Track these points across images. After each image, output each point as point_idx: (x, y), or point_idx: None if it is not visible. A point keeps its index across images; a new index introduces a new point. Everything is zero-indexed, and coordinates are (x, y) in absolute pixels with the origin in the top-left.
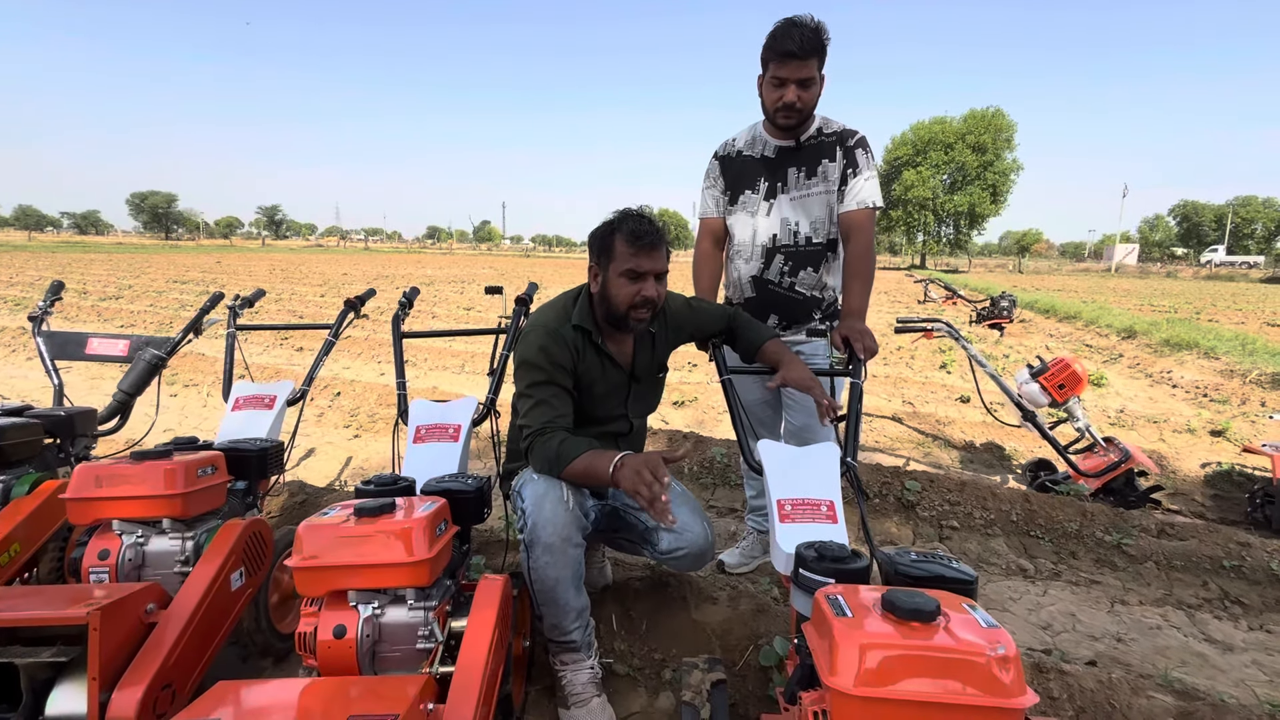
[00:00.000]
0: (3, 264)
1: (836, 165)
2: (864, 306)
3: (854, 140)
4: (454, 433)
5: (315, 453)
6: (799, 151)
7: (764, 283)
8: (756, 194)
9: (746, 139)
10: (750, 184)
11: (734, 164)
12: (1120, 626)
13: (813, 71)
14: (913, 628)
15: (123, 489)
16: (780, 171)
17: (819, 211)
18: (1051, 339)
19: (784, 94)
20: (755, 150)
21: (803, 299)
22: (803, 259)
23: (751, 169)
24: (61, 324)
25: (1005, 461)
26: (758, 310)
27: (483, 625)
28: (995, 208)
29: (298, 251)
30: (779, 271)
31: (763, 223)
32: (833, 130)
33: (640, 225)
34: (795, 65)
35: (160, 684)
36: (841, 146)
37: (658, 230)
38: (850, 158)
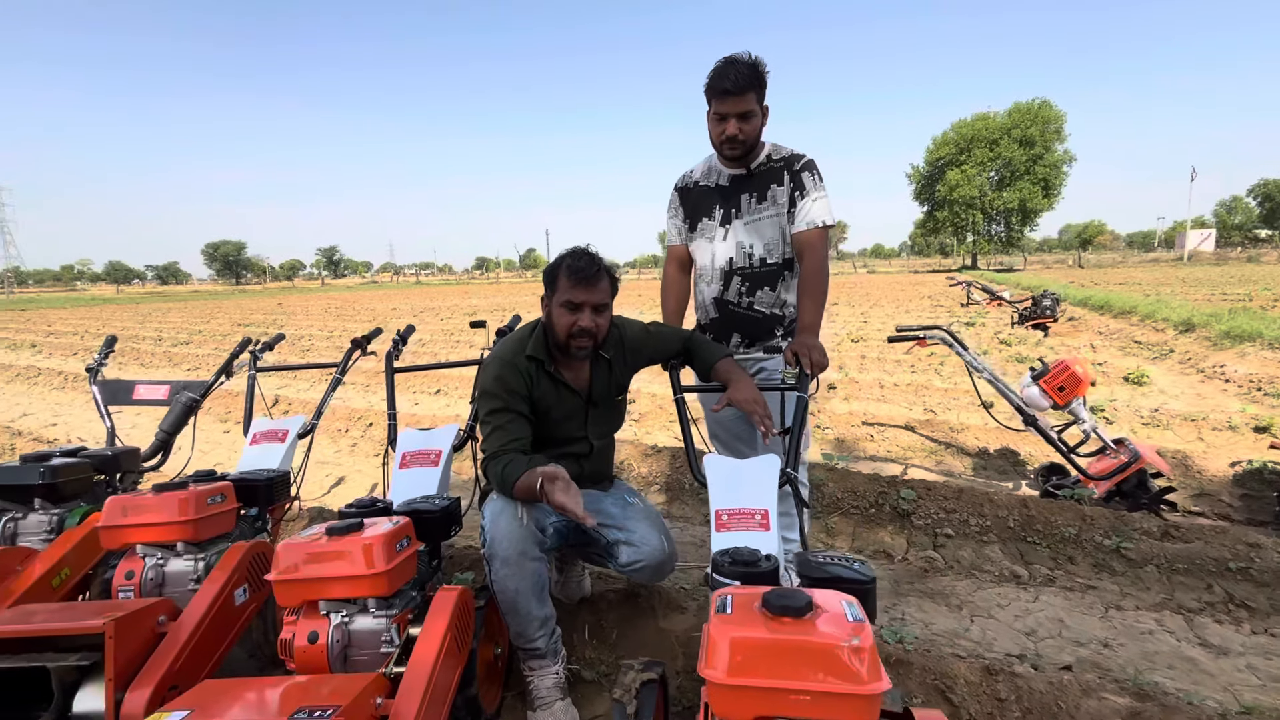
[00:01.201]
0: (93, 317)
1: (784, 189)
2: (816, 322)
3: (800, 164)
4: (435, 458)
5: (345, 480)
6: (750, 178)
7: (725, 303)
8: (713, 220)
9: (703, 170)
10: (707, 211)
11: (692, 194)
12: (1110, 632)
13: (751, 105)
14: (782, 623)
15: (145, 517)
16: (734, 198)
17: (771, 234)
18: (1100, 337)
19: (726, 128)
20: (711, 180)
21: (762, 317)
22: (759, 279)
23: (708, 198)
24: (137, 369)
25: (1019, 467)
26: (722, 329)
27: (434, 631)
28: (1048, 202)
29: (354, 289)
30: (737, 292)
31: (720, 247)
32: (781, 156)
33: (579, 262)
34: (734, 101)
35: (167, 685)
36: (789, 171)
37: (597, 266)
38: (797, 181)
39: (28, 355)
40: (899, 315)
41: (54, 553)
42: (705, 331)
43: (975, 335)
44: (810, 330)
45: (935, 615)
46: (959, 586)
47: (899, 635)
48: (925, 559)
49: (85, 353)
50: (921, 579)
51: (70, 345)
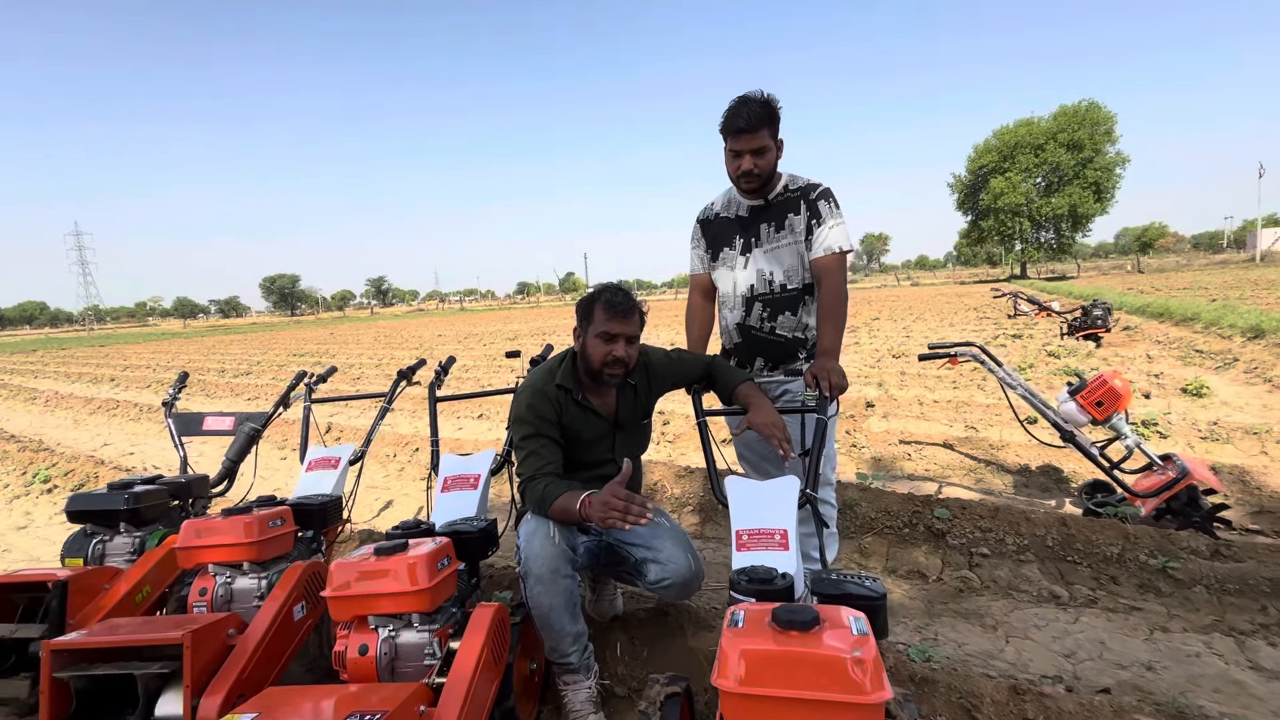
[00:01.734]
0: (163, 351)
1: (801, 218)
2: (836, 345)
3: (816, 193)
4: (474, 482)
5: (393, 504)
6: (768, 209)
7: (748, 329)
8: (734, 250)
9: (722, 202)
10: (728, 241)
11: (713, 225)
12: (1154, 654)
13: (764, 141)
14: (790, 636)
15: (215, 539)
16: (753, 228)
17: (790, 260)
18: (1158, 346)
19: (741, 163)
20: (731, 211)
21: (785, 341)
22: (780, 305)
23: (728, 228)
24: (203, 400)
25: (1062, 485)
26: (746, 354)
27: (472, 644)
28: (1101, 206)
29: (401, 317)
30: (759, 318)
31: (741, 275)
32: (797, 186)
33: (615, 297)
34: (747, 138)
35: (236, 693)
36: (805, 200)
37: (631, 302)
38: (813, 209)
39: (107, 389)
40: (943, 329)
41: (136, 572)
42: (730, 356)
43: (1022, 348)
44: (829, 353)
45: (969, 636)
46: (994, 607)
47: (926, 654)
48: (960, 579)
49: (157, 385)
50: (956, 599)
51: (144, 379)
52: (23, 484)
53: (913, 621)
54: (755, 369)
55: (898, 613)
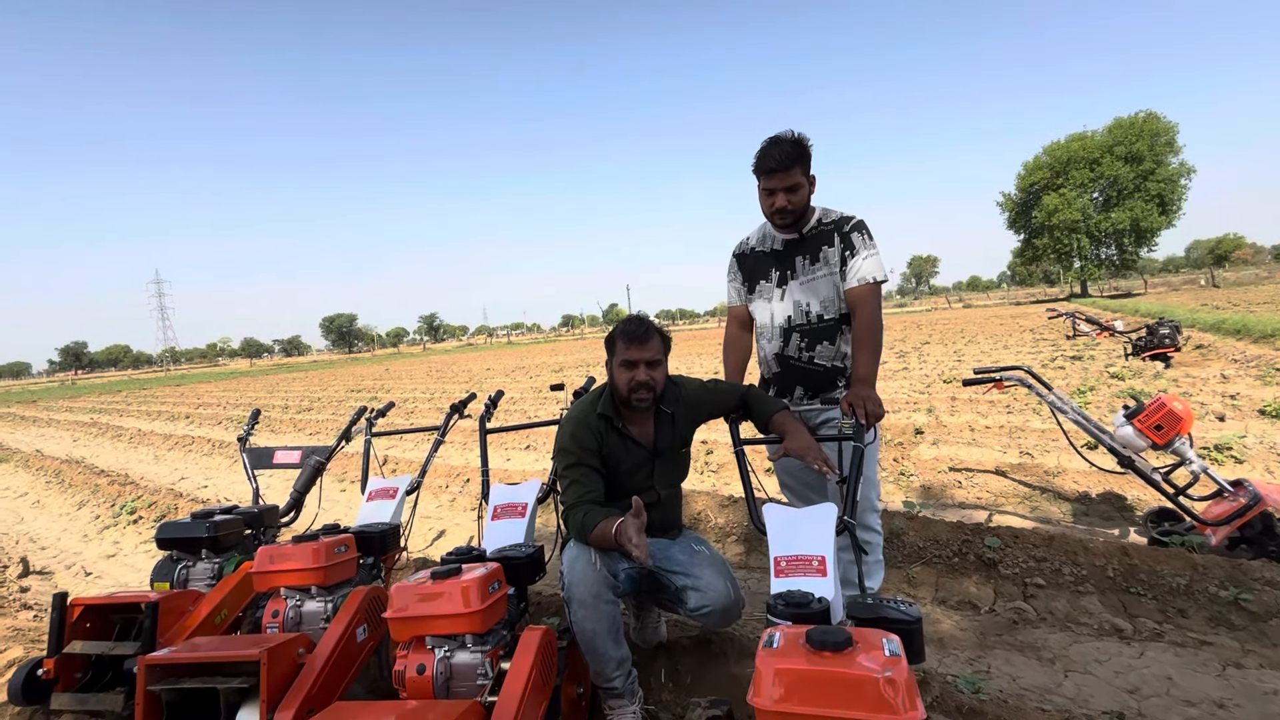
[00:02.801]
0: (232, 389)
1: (835, 250)
2: (871, 374)
3: (850, 226)
4: (522, 510)
5: (446, 533)
6: (803, 242)
7: (786, 359)
8: (770, 282)
9: (758, 236)
10: (764, 274)
11: (749, 259)
12: (1227, 691)
13: (796, 179)
14: (824, 657)
15: (286, 564)
16: (789, 261)
17: (827, 291)
18: (1235, 365)
19: (775, 201)
20: (766, 245)
21: (824, 370)
22: (817, 335)
23: (764, 262)
24: (268, 434)
25: (1125, 513)
26: (785, 383)
27: (522, 665)
28: (1166, 219)
29: (451, 352)
30: (797, 348)
31: (778, 306)
32: (831, 220)
33: (631, 326)
34: (779, 177)
35: (306, 709)
36: (839, 233)
37: (646, 328)
38: (847, 242)
39: (183, 426)
40: (996, 352)
41: (216, 595)
42: (769, 385)
43: (1082, 370)
44: (865, 381)
45: (1024, 669)
46: (1052, 640)
47: (975, 686)
48: (1014, 610)
49: (228, 422)
50: (1010, 631)
51: (215, 416)
52: (111, 515)
53: (964, 653)
54: (795, 398)
55: (948, 644)
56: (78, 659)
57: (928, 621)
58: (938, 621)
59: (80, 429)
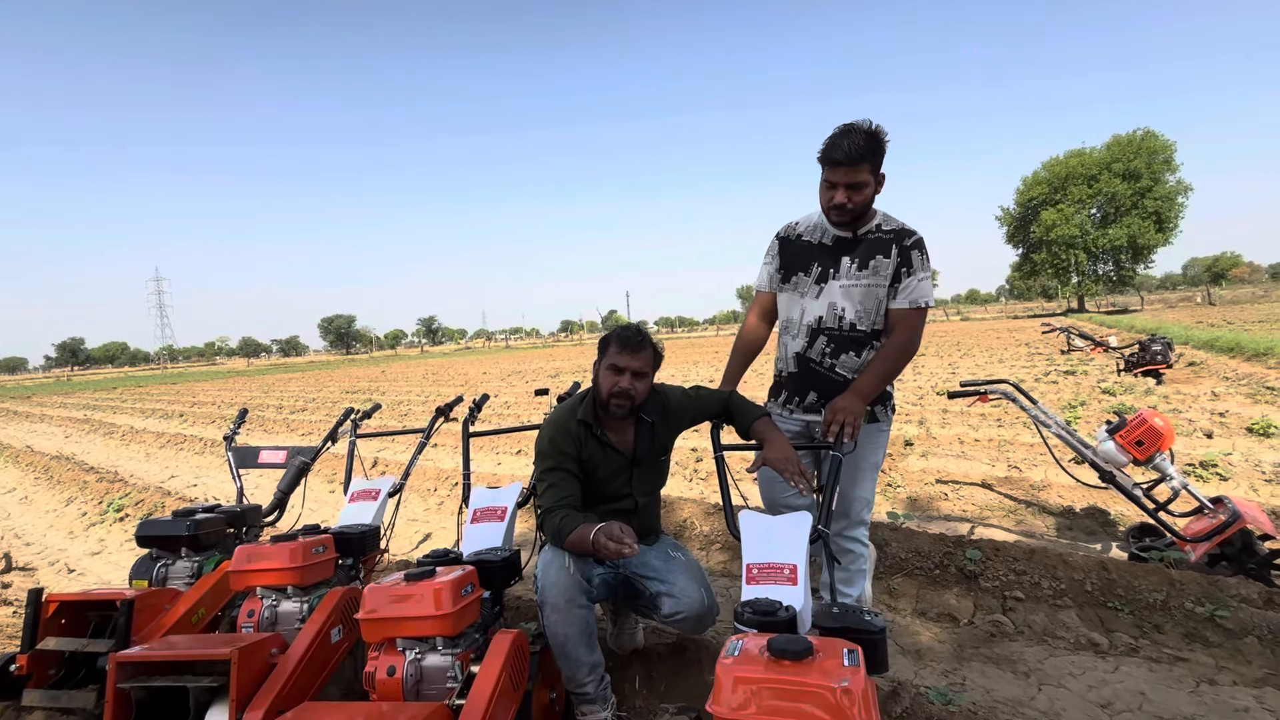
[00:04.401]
0: (228, 388)
1: (890, 262)
2: (870, 388)
3: (910, 241)
4: (501, 513)
5: (431, 536)
6: (855, 243)
7: (806, 360)
8: (808, 277)
9: (808, 225)
10: (804, 267)
11: (792, 246)
12: (1199, 708)
13: (863, 176)
14: (783, 665)
15: (263, 564)
16: (834, 259)
17: (867, 301)
18: (1225, 383)
19: (835, 195)
20: (814, 236)
21: (844, 381)
22: (845, 343)
23: (807, 253)
24: (260, 434)
25: (1108, 528)
26: (799, 385)
27: (491, 669)
28: (1163, 236)
29: (449, 355)
30: (821, 352)
31: (811, 304)
32: (891, 228)
33: (628, 333)
34: (845, 171)
35: (277, 708)
36: (898, 245)
37: (643, 339)
38: (905, 257)
39: (176, 424)
40: (991, 365)
41: (193, 594)
42: (781, 386)
43: (1075, 384)
44: (859, 393)
45: (999, 682)
46: (1028, 653)
47: (947, 698)
48: (993, 622)
49: (221, 421)
50: (987, 643)
51: (209, 415)
52: (98, 512)
53: (940, 665)
54: (806, 402)
55: (925, 656)
56: (51, 655)
57: (907, 633)
58: (917, 633)
59: (73, 425)
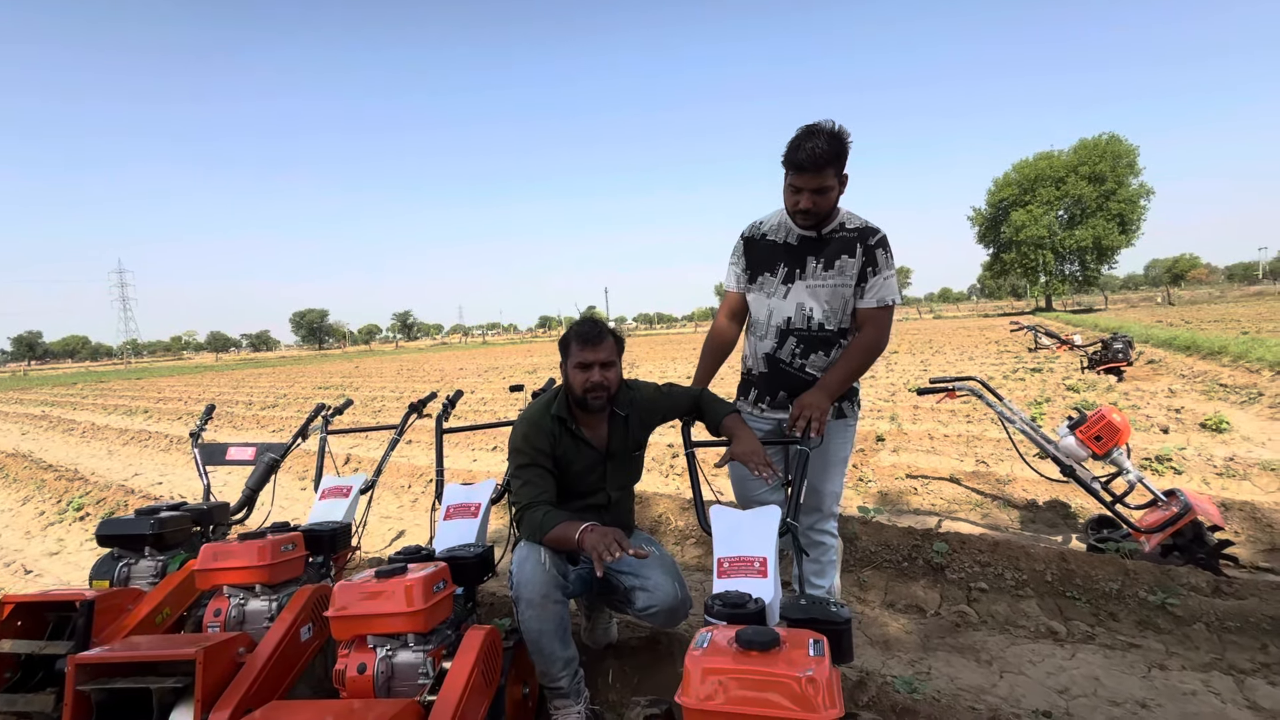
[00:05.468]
0: (195, 384)
1: (855, 261)
2: (837, 384)
3: (875, 239)
4: (475, 510)
5: (405, 534)
6: (820, 243)
7: (776, 361)
8: (775, 277)
9: (773, 224)
10: (770, 267)
11: (757, 246)
12: (1149, 692)
13: (828, 180)
14: (750, 656)
15: (230, 562)
16: (800, 259)
17: (833, 301)
18: (1182, 380)
19: (800, 200)
20: (779, 236)
21: (814, 381)
22: (814, 343)
23: (773, 253)
24: (229, 430)
25: (1069, 520)
26: (768, 385)
27: (463, 665)
28: (1126, 238)
29: (425, 351)
30: (791, 352)
31: (779, 304)
32: (855, 227)
33: (585, 328)
34: (809, 177)
35: (244, 708)
36: (862, 244)
37: (600, 330)
38: (870, 256)
39: (140, 420)
40: (962, 363)
41: (157, 594)
42: (750, 384)
43: (1041, 382)
44: (825, 389)
45: (963, 670)
46: (991, 642)
47: (912, 686)
48: (958, 613)
49: (188, 417)
50: (953, 634)
51: (175, 411)
52: (57, 511)
53: (907, 655)
54: (775, 400)
55: (893, 646)
56: (7, 658)
57: (875, 625)
58: (885, 625)
59: (30, 422)
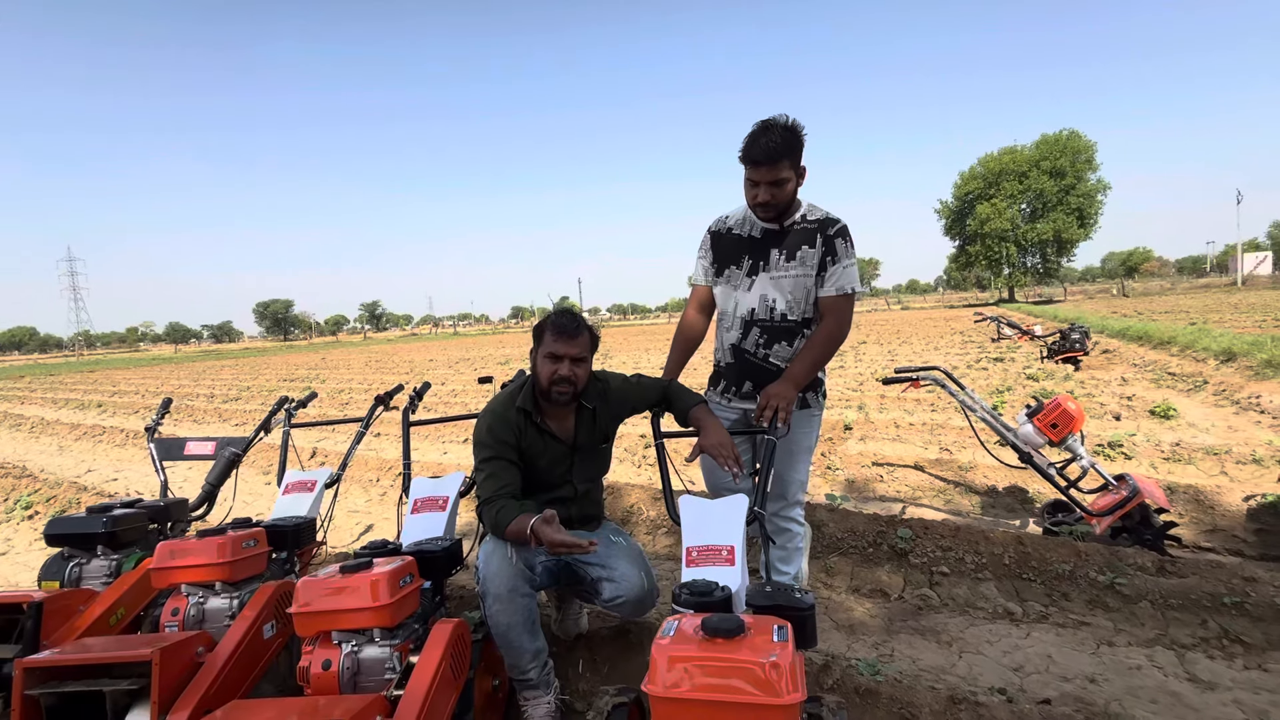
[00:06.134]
0: (153, 376)
1: (815, 252)
2: (802, 375)
3: (834, 229)
4: (442, 504)
5: (373, 528)
6: (782, 234)
7: (741, 352)
8: (740, 270)
9: (737, 218)
10: (736, 260)
11: (723, 239)
12: (1098, 667)
13: (784, 173)
14: (715, 643)
15: (188, 559)
16: (764, 251)
17: (796, 291)
18: (1134, 369)
19: (757, 194)
20: (744, 229)
21: (777, 370)
22: (777, 333)
23: (738, 246)
24: (191, 426)
25: (1027, 505)
26: (736, 376)
27: (430, 659)
28: (1084, 232)
29: (394, 342)
30: (755, 343)
31: (744, 297)
32: (815, 218)
33: (562, 320)
34: (765, 170)
35: (203, 709)
36: (822, 235)
37: (577, 324)
38: (829, 246)
39: (94, 415)
40: (927, 353)
41: (111, 594)
42: (720, 373)
43: (1003, 371)
44: (792, 380)
45: (924, 652)
46: (951, 624)
47: (875, 668)
48: (920, 597)
49: (145, 411)
50: (915, 616)
51: (132, 404)
52: (3, 510)
53: (871, 638)
54: (742, 391)
55: (858, 630)
56: None
57: (841, 609)
58: (850, 609)
59: None
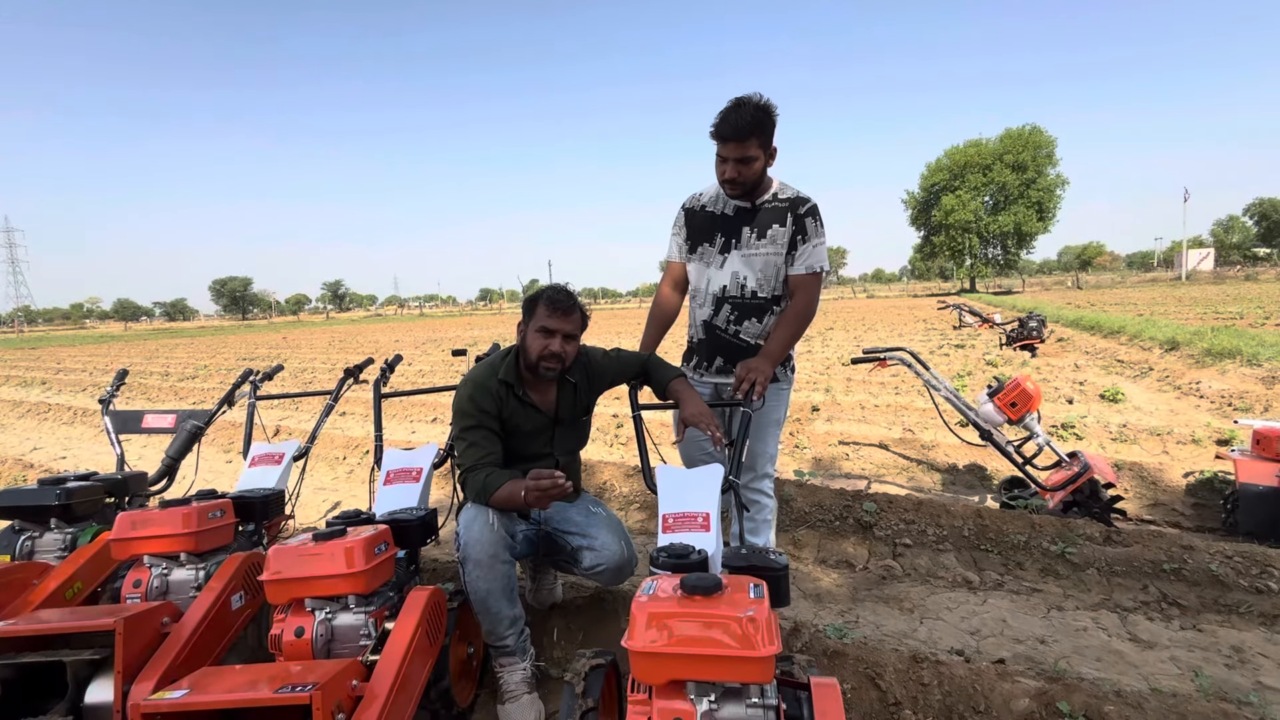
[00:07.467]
0: (101, 354)
1: (785, 230)
2: (779, 351)
3: (805, 209)
4: (416, 475)
5: (341, 505)
6: (754, 213)
7: (713, 328)
8: (713, 247)
9: (711, 196)
10: (708, 237)
11: (697, 217)
12: (1048, 630)
13: (752, 150)
14: (694, 600)
15: (151, 530)
16: (735, 229)
17: (766, 270)
18: (1086, 356)
19: (725, 170)
20: (717, 207)
21: (748, 346)
22: (747, 310)
23: (711, 224)
24: (144, 403)
25: (985, 481)
26: (708, 351)
27: (406, 625)
28: (1043, 225)
29: (358, 322)
30: (726, 319)
31: (715, 274)
32: (786, 197)
33: (558, 295)
34: (734, 146)
35: (170, 679)
36: (793, 214)
37: (572, 301)
38: (800, 225)
39: (38, 392)
40: (891, 339)
41: (67, 568)
42: (693, 351)
43: (964, 357)
44: (769, 356)
45: (888, 618)
46: (913, 592)
47: (842, 633)
48: (884, 567)
49: (94, 388)
50: (879, 585)
51: (79, 382)
52: None
53: (838, 606)
54: (714, 367)
55: (825, 599)
56: None
57: (809, 579)
58: (818, 579)
59: None
